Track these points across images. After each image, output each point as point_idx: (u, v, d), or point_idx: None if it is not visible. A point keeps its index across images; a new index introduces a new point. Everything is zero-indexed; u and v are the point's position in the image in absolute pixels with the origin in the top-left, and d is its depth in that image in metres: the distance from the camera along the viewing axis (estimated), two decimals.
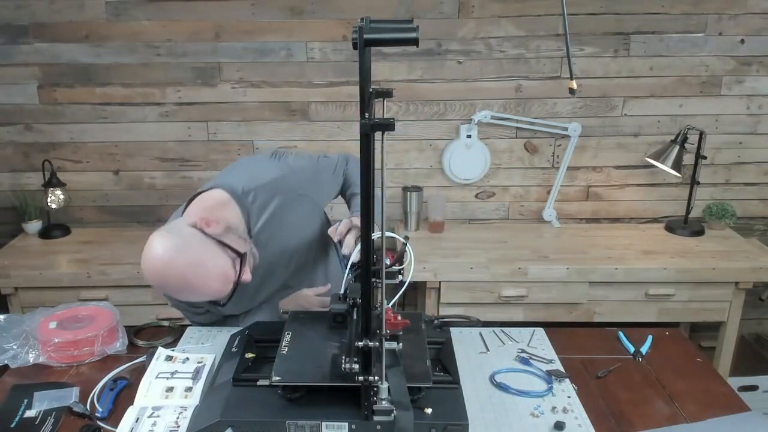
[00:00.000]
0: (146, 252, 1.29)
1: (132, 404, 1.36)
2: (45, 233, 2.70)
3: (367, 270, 1.12)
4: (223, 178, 1.54)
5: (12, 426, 1.32)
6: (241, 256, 1.35)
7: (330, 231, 1.55)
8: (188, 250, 1.29)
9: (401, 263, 1.36)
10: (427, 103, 2.70)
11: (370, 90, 1.11)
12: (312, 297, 1.64)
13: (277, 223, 1.54)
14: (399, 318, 1.27)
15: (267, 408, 1.23)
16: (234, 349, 1.45)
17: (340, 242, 1.51)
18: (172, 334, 1.69)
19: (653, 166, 2.69)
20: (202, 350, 1.59)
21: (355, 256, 1.38)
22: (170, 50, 2.62)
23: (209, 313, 1.69)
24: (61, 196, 2.66)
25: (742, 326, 2.59)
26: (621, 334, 1.67)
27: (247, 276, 1.37)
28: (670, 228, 2.73)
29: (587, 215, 2.87)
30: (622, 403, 1.40)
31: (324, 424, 1.19)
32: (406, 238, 1.38)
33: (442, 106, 2.70)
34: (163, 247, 1.28)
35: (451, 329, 1.55)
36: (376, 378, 1.15)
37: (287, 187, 1.55)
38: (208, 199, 1.46)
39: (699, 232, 2.69)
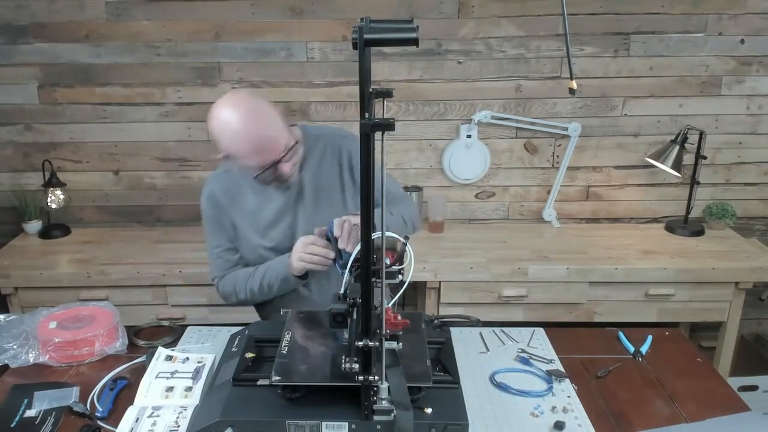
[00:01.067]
0: (219, 101, 1.51)
1: (132, 404, 1.36)
2: (45, 233, 2.70)
3: (367, 270, 1.12)
4: (306, 124, 1.77)
5: (12, 426, 1.32)
6: (295, 145, 1.54)
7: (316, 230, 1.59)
8: (257, 99, 1.52)
9: (401, 263, 1.36)
10: (427, 103, 2.70)
11: (370, 90, 1.11)
12: (311, 244, 1.60)
13: (322, 169, 1.68)
14: (399, 318, 1.27)
15: (267, 408, 1.23)
16: (234, 349, 1.46)
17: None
18: (172, 334, 1.69)
19: (653, 166, 2.69)
20: (202, 350, 1.59)
21: (351, 248, 1.40)
22: (170, 50, 2.62)
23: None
24: (61, 196, 2.66)
25: (742, 326, 2.59)
26: (621, 334, 1.67)
27: (286, 167, 1.56)
28: (670, 228, 2.73)
29: (587, 215, 2.87)
30: (622, 403, 1.40)
31: (324, 424, 1.20)
32: (406, 237, 1.38)
33: (442, 106, 2.70)
34: (236, 94, 1.54)
35: (451, 329, 1.55)
36: (376, 378, 1.15)
37: (345, 147, 1.69)
38: (290, 130, 1.64)
39: (699, 232, 2.69)
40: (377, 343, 1.14)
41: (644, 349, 1.61)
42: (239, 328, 1.62)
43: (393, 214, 1.69)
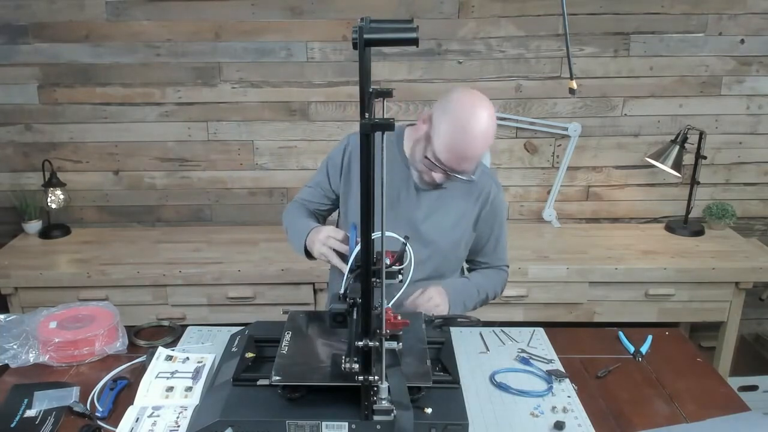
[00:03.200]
0: (480, 96, 1.55)
1: (132, 404, 1.36)
2: (45, 233, 2.70)
3: (367, 270, 1.12)
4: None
5: (12, 426, 1.32)
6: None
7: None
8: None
9: (401, 263, 1.36)
10: (427, 103, 2.70)
11: (370, 90, 1.11)
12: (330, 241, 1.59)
13: (460, 195, 1.73)
14: (399, 318, 1.27)
15: (267, 408, 1.23)
16: (234, 349, 1.46)
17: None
18: (172, 334, 1.69)
19: (653, 166, 2.69)
20: (202, 350, 1.59)
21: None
22: (170, 50, 2.62)
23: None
24: (61, 196, 2.66)
25: (742, 326, 2.59)
26: (621, 334, 1.67)
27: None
28: (670, 228, 2.73)
29: (587, 215, 2.87)
30: (622, 403, 1.40)
31: (324, 424, 1.20)
32: (406, 237, 1.38)
33: None
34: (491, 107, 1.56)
35: (451, 329, 1.55)
36: (376, 378, 1.15)
37: (490, 190, 1.74)
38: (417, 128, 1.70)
39: (699, 232, 2.69)
40: (377, 343, 1.14)
41: (644, 349, 1.61)
42: (239, 328, 1.62)
43: (480, 292, 1.75)
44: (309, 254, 1.66)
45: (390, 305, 1.33)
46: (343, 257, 1.54)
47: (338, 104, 2.70)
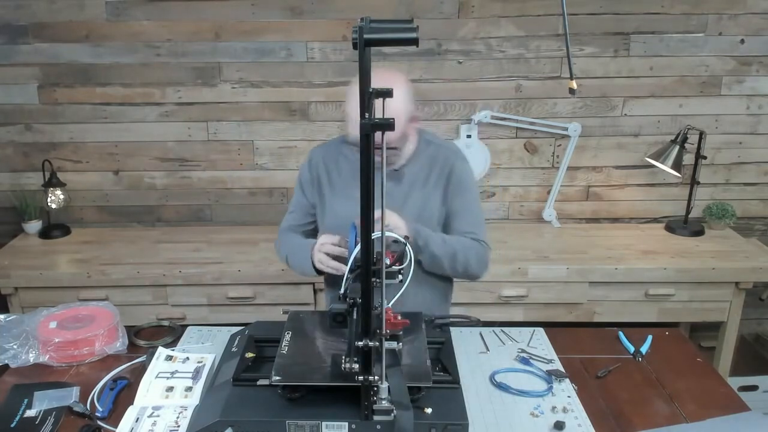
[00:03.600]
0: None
1: (132, 404, 1.36)
2: (45, 233, 2.70)
3: (367, 270, 1.12)
4: (425, 129, 1.83)
5: (12, 426, 1.32)
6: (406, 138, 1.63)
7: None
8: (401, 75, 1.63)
9: (401, 263, 1.36)
10: (427, 103, 2.70)
11: (370, 90, 1.11)
12: (325, 246, 1.60)
13: (422, 173, 1.72)
14: (399, 318, 1.27)
15: (267, 408, 1.23)
16: (234, 349, 1.46)
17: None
18: (172, 334, 1.69)
19: (653, 166, 2.69)
20: (202, 350, 1.59)
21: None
22: (170, 50, 2.62)
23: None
24: (61, 196, 2.66)
25: (742, 326, 2.59)
26: (621, 334, 1.67)
27: (394, 154, 1.63)
28: (670, 228, 2.73)
29: (587, 215, 2.87)
30: (622, 403, 1.40)
31: (324, 424, 1.20)
32: (406, 237, 1.38)
33: (442, 106, 2.70)
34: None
35: (451, 329, 1.55)
36: (376, 378, 1.15)
37: (451, 162, 1.75)
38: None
39: (699, 232, 2.69)
40: (377, 343, 1.14)
41: (644, 349, 1.61)
42: (239, 328, 1.62)
43: (445, 242, 1.67)
44: (318, 270, 1.66)
45: (390, 305, 1.33)
46: (340, 260, 1.54)
47: (338, 104, 2.70)
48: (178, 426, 1.29)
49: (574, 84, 1.26)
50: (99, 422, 1.33)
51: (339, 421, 1.19)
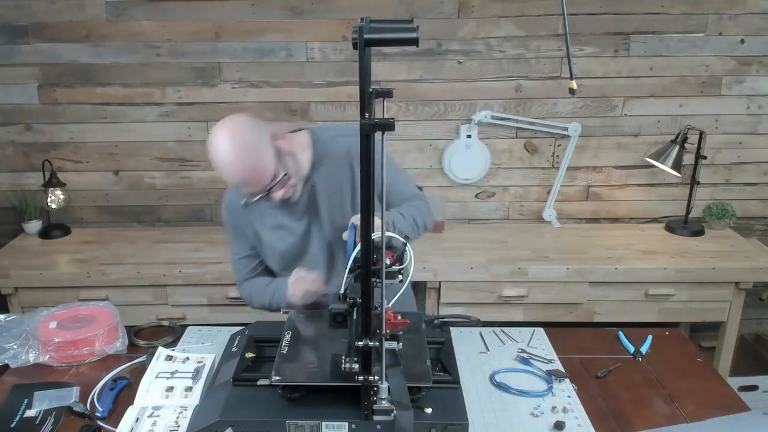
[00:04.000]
0: (223, 120, 1.51)
1: (132, 404, 1.36)
2: (45, 233, 2.70)
3: (367, 270, 1.12)
4: (317, 127, 1.75)
5: (12, 426, 1.32)
6: (284, 177, 1.53)
7: (345, 235, 1.56)
8: (250, 134, 1.49)
9: (401, 263, 1.36)
10: (427, 103, 2.70)
11: (370, 90, 1.11)
12: (308, 281, 1.62)
13: (334, 173, 1.66)
14: (399, 318, 1.27)
15: (267, 408, 1.23)
16: (234, 349, 1.46)
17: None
18: (172, 334, 1.69)
19: (653, 166, 2.69)
20: (202, 350, 1.59)
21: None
22: (170, 50, 2.62)
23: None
24: (61, 196, 2.66)
25: (742, 326, 2.59)
26: (621, 334, 1.67)
27: (277, 195, 1.55)
28: (670, 228, 2.73)
29: (587, 215, 2.87)
30: (622, 403, 1.40)
31: (324, 424, 1.20)
32: (406, 237, 1.38)
33: (442, 106, 2.70)
34: (236, 121, 1.50)
35: (451, 329, 1.55)
36: (376, 378, 1.15)
37: (356, 148, 1.63)
38: (298, 135, 1.67)
39: (699, 232, 2.69)
40: (377, 343, 1.14)
41: (644, 349, 1.61)
42: (239, 328, 1.62)
43: (405, 217, 1.66)
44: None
45: (390, 305, 1.33)
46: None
47: (338, 104, 2.70)
48: (178, 426, 1.29)
49: (574, 84, 1.26)
50: (99, 422, 1.33)
51: (339, 421, 1.19)
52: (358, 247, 1.20)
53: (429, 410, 1.22)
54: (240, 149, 1.47)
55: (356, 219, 1.57)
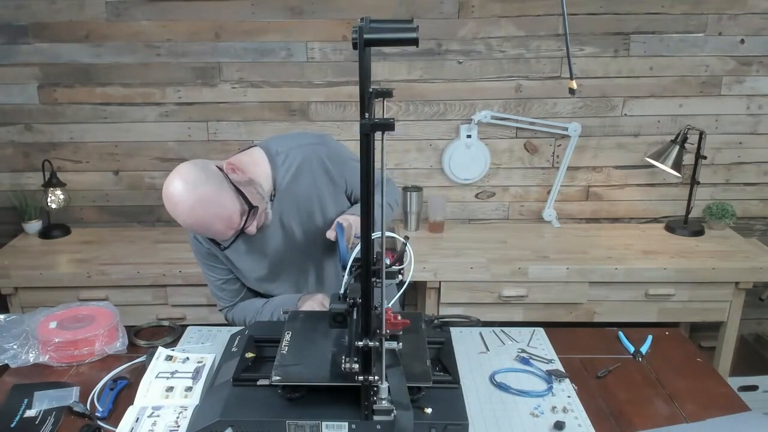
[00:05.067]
0: (169, 178, 1.41)
1: (132, 404, 1.36)
2: (45, 233, 2.70)
3: (367, 270, 1.12)
4: (267, 140, 1.69)
5: (12, 426, 1.32)
6: (251, 209, 1.46)
7: (329, 234, 1.56)
8: (204, 186, 1.40)
9: (401, 263, 1.36)
10: (427, 103, 2.70)
11: (370, 90, 1.10)
12: (317, 301, 1.62)
13: (295, 185, 1.62)
14: (399, 318, 1.27)
15: (267, 408, 1.23)
16: (234, 349, 1.45)
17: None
18: (172, 334, 1.69)
19: (653, 166, 2.69)
20: (202, 350, 1.59)
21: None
22: (170, 50, 2.62)
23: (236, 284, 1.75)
24: (61, 196, 2.66)
25: (742, 326, 2.59)
26: (621, 334, 1.67)
27: (252, 228, 1.49)
28: (670, 228, 2.73)
29: (587, 215, 2.87)
30: (622, 403, 1.40)
31: (324, 424, 1.20)
32: (406, 238, 1.38)
33: (442, 106, 2.70)
34: (183, 178, 1.40)
35: (451, 329, 1.55)
36: (376, 378, 1.15)
37: (314, 154, 1.64)
38: (248, 154, 1.61)
39: (699, 232, 2.69)
40: (377, 343, 1.14)
41: (644, 349, 1.61)
42: (239, 328, 1.62)
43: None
44: None
45: (390, 305, 1.33)
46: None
47: (338, 104, 2.70)
48: (178, 426, 1.29)
49: (574, 84, 1.26)
50: (99, 422, 1.33)
51: (339, 421, 1.19)
52: (358, 247, 1.20)
53: (429, 410, 1.22)
54: (199, 206, 1.39)
55: (342, 218, 1.57)
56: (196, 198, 1.39)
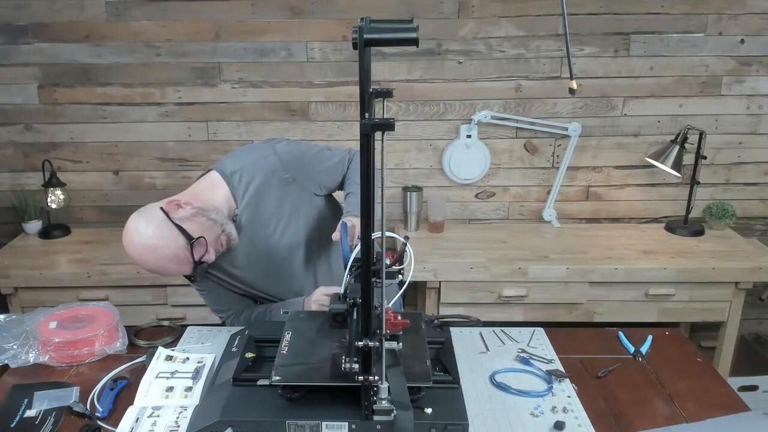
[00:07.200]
0: (124, 233, 1.48)
1: (132, 404, 1.36)
2: (45, 233, 2.70)
3: (367, 270, 1.12)
4: (222, 160, 1.67)
5: (12, 426, 1.32)
6: (193, 241, 1.46)
7: (334, 236, 1.56)
8: (145, 233, 1.46)
9: (401, 263, 1.36)
10: (427, 103, 2.70)
11: (370, 90, 1.10)
12: (322, 298, 1.62)
13: (258, 202, 1.61)
14: (399, 318, 1.27)
15: (267, 408, 1.23)
16: (234, 349, 1.46)
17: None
18: (172, 334, 1.69)
19: (653, 166, 2.69)
20: (202, 350, 1.59)
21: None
22: (170, 50, 2.62)
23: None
24: (61, 196, 2.66)
25: (742, 326, 2.59)
26: (621, 334, 1.67)
27: (209, 257, 1.49)
28: (670, 228, 2.73)
29: (587, 215, 2.87)
30: (622, 403, 1.40)
31: (324, 424, 1.19)
32: (406, 238, 1.38)
33: (442, 106, 2.70)
34: (130, 230, 1.47)
35: (451, 329, 1.55)
36: (376, 378, 1.15)
37: (268, 167, 1.62)
38: (205, 179, 1.64)
39: (699, 232, 2.69)
40: (377, 343, 1.14)
41: (644, 349, 1.61)
42: (239, 328, 1.62)
43: (355, 194, 1.64)
44: None
45: (390, 305, 1.33)
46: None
47: (338, 104, 2.70)
48: (178, 426, 1.29)
49: (574, 84, 1.26)
50: (99, 422, 1.33)
51: (339, 421, 1.19)
52: (358, 247, 1.20)
53: (429, 410, 1.22)
54: (147, 253, 1.44)
55: (347, 219, 1.57)
56: (143, 247, 1.44)
